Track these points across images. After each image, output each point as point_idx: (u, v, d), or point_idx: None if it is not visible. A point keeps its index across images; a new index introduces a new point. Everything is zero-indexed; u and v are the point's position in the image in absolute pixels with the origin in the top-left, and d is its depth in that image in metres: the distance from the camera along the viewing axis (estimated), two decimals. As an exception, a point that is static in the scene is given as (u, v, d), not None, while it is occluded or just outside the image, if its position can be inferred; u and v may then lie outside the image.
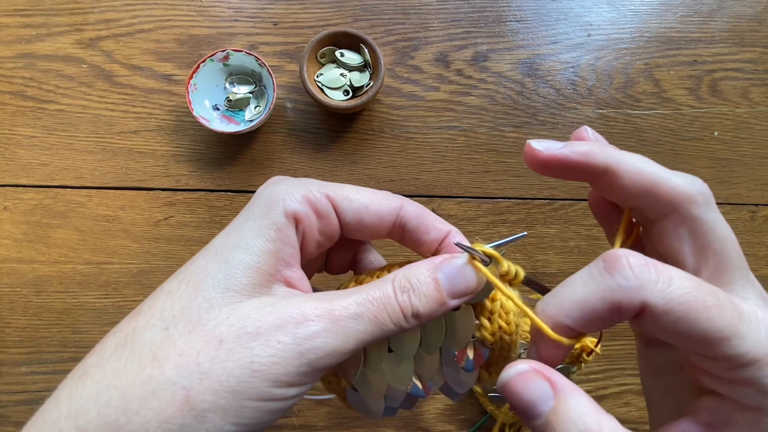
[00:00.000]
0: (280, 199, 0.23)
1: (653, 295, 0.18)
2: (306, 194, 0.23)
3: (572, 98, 0.60)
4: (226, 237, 0.23)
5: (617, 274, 0.19)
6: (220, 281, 0.21)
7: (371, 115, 0.60)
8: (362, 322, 0.21)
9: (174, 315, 0.20)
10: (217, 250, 0.22)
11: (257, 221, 0.22)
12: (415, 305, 0.22)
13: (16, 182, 0.58)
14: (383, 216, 0.25)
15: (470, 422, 0.58)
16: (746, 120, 0.61)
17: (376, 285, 0.22)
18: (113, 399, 0.19)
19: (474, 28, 0.61)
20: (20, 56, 0.59)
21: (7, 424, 0.57)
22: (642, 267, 0.19)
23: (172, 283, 0.22)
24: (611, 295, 0.19)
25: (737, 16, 0.62)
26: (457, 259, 0.23)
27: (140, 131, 0.59)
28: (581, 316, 0.19)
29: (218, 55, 0.55)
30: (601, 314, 0.19)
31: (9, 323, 0.58)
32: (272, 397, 0.19)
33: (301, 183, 0.24)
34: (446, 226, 0.26)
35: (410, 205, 0.25)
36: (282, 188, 0.23)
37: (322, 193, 0.24)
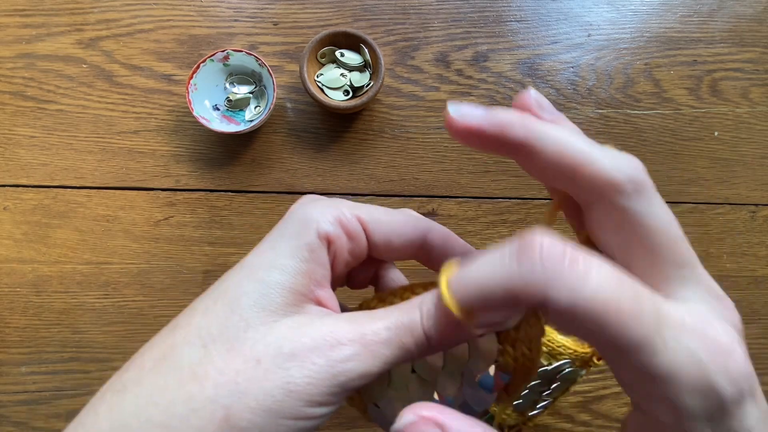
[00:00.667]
0: (314, 219, 0.23)
1: (557, 293, 0.16)
2: (338, 216, 0.23)
3: (572, 98, 0.60)
4: (260, 255, 0.23)
5: (525, 260, 0.16)
6: (256, 300, 0.21)
7: (371, 115, 0.60)
8: (391, 347, 0.21)
9: (212, 333, 0.21)
10: (251, 269, 0.22)
11: (291, 241, 0.22)
12: (435, 329, 0.21)
13: (16, 182, 0.58)
14: (411, 240, 0.25)
15: (470, 422, 0.58)
16: (746, 120, 0.61)
17: (403, 310, 0.22)
18: (154, 416, 0.19)
19: (474, 28, 0.61)
20: (20, 56, 0.59)
21: (7, 424, 0.57)
22: (554, 256, 0.16)
23: (207, 299, 0.22)
24: (511, 284, 0.16)
25: (737, 16, 0.62)
26: None
27: (140, 131, 0.59)
28: (478, 298, 0.18)
29: (218, 55, 0.55)
30: (498, 301, 0.17)
31: (9, 323, 0.58)
32: (305, 416, 0.20)
33: (333, 204, 0.24)
34: (471, 250, 0.26)
35: (437, 230, 0.26)
36: (316, 209, 0.23)
37: (354, 214, 0.24)
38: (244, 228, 0.59)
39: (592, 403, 0.58)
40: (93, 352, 0.58)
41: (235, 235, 0.59)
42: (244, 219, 0.59)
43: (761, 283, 0.61)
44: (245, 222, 0.59)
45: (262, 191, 0.59)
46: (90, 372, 0.58)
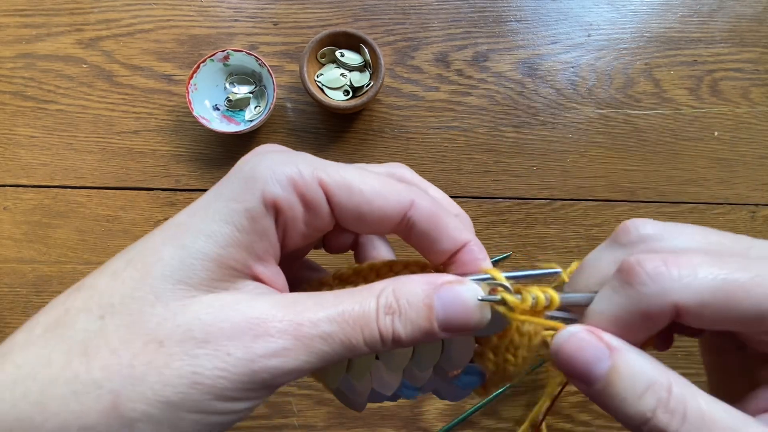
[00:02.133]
0: (261, 179, 0.19)
1: (682, 294, 0.17)
2: (293, 177, 0.19)
3: (572, 98, 0.60)
4: (192, 215, 0.19)
5: (635, 282, 0.17)
6: (173, 270, 0.18)
7: (371, 115, 0.60)
8: (332, 343, 0.18)
9: (113, 303, 0.18)
10: (177, 230, 0.19)
11: (229, 204, 0.19)
12: (398, 331, 0.19)
13: (17, 182, 0.58)
14: (388, 214, 0.20)
15: (470, 422, 0.58)
16: (746, 120, 0.61)
17: (356, 297, 0.19)
18: (31, 393, 0.17)
19: (474, 28, 0.61)
20: (20, 56, 0.59)
21: (8, 424, 0.57)
22: (658, 268, 0.17)
23: (120, 260, 0.19)
24: (637, 306, 0.17)
25: (737, 16, 0.62)
26: (464, 287, 0.19)
27: (140, 131, 0.59)
28: (616, 333, 0.18)
29: (218, 55, 0.55)
30: (635, 326, 0.18)
31: (9, 323, 0.58)
32: (214, 410, 0.17)
33: (291, 160, 0.20)
34: (463, 234, 0.22)
35: (423, 203, 0.21)
36: (266, 165, 0.19)
37: (315, 177, 0.19)
38: (244, 228, 0.59)
39: (592, 403, 0.58)
40: (93, 352, 0.58)
41: (235, 235, 0.59)
42: (244, 219, 0.59)
43: (761, 283, 0.61)
44: (245, 222, 0.59)
45: (262, 191, 0.59)
46: (90, 372, 0.58)
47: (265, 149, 0.22)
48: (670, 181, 0.61)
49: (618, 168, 0.60)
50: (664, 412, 0.16)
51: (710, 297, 0.16)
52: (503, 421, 0.58)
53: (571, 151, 0.60)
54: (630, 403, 0.17)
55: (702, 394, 0.17)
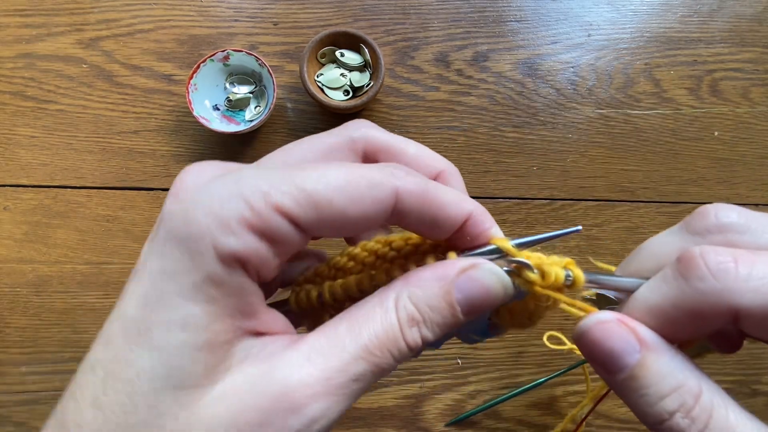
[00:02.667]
0: (205, 235, 0.15)
1: (745, 298, 0.15)
2: (243, 216, 0.15)
3: (572, 98, 0.60)
4: (144, 306, 0.16)
5: (692, 275, 0.16)
6: (162, 378, 0.15)
7: (371, 115, 0.60)
8: (365, 378, 0.16)
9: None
10: (138, 330, 0.15)
11: (183, 280, 0.15)
12: (426, 337, 0.17)
13: (17, 182, 0.58)
14: (370, 216, 0.17)
15: (470, 422, 0.58)
16: (746, 120, 0.61)
17: (374, 319, 0.17)
18: None
19: (474, 28, 0.61)
20: (20, 56, 0.59)
21: (8, 424, 0.57)
22: (724, 265, 0.15)
23: (91, 384, 0.16)
24: (688, 302, 0.16)
25: (737, 16, 0.62)
26: (480, 271, 0.18)
27: (140, 131, 0.59)
28: (657, 325, 0.17)
29: (218, 55, 0.55)
30: (681, 323, 0.16)
31: (9, 323, 0.58)
32: None
33: (234, 195, 0.15)
34: (462, 206, 0.18)
35: (408, 187, 0.17)
36: (203, 212, 0.15)
37: (271, 206, 0.15)
38: (244, 228, 0.59)
39: (592, 403, 0.58)
40: (93, 352, 0.58)
41: (235, 235, 0.59)
42: (244, 219, 0.59)
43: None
44: (245, 222, 0.59)
45: (262, 191, 0.59)
46: (90, 372, 0.58)
47: (196, 177, 0.17)
48: (670, 181, 0.61)
49: (618, 168, 0.60)
50: (684, 418, 0.15)
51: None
52: (503, 422, 0.58)
53: (571, 151, 0.60)
54: (650, 402, 0.16)
55: (734, 406, 0.16)
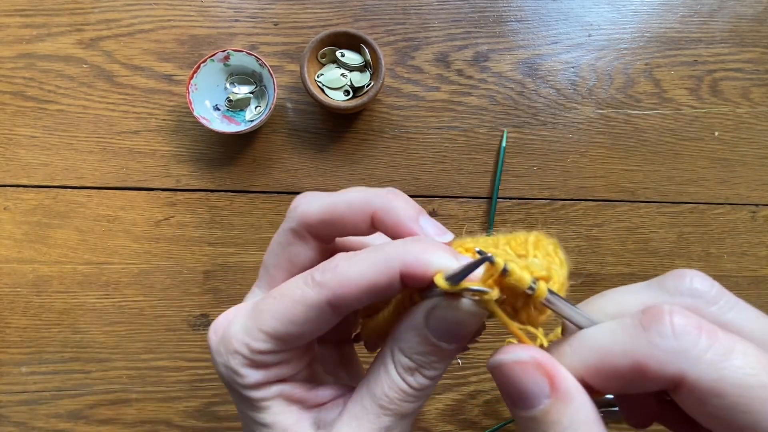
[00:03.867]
0: (233, 381, 0.20)
1: (698, 368, 0.14)
2: (244, 363, 0.20)
3: (573, 98, 0.60)
4: (242, 414, 0.22)
5: (653, 329, 0.15)
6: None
7: (372, 116, 0.60)
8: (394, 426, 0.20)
9: None
10: (248, 426, 0.22)
11: (242, 403, 0.21)
12: (431, 375, 0.20)
13: (17, 182, 0.58)
14: (322, 329, 0.20)
15: (470, 422, 0.58)
16: (747, 120, 0.61)
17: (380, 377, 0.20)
18: None
19: (474, 28, 0.61)
20: (21, 56, 0.59)
21: (8, 424, 0.57)
22: (688, 328, 0.15)
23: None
24: (639, 354, 0.15)
25: (738, 16, 0.62)
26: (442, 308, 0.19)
27: (141, 131, 0.59)
28: (596, 368, 0.16)
29: (219, 55, 0.55)
30: (620, 373, 0.16)
31: (9, 323, 0.58)
32: None
33: (230, 352, 0.20)
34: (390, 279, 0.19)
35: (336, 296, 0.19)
36: (224, 369, 0.21)
37: (253, 351, 0.20)
38: (244, 228, 0.59)
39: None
40: (93, 352, 0.58)
41: (235, 235, 0.59)
42: (245, 219, 0.59)
43: (761, 283, 0.61)
44: (245, 222, 0.59)
45: (262, 191, 0.59)
46: (90, 372, 0.58)
47: (212, 344, 0.22)
48: (670, 181, 0.61)
49: (618, 168, 0.60)
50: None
51: (730, 388, 0.14)
52: (504, 421, 0.58)
53: (572, 151, 0.60)
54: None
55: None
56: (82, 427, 0.57)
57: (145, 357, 0.58)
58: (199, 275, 0.58)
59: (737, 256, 0.61)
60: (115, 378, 0.58)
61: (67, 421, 0.57)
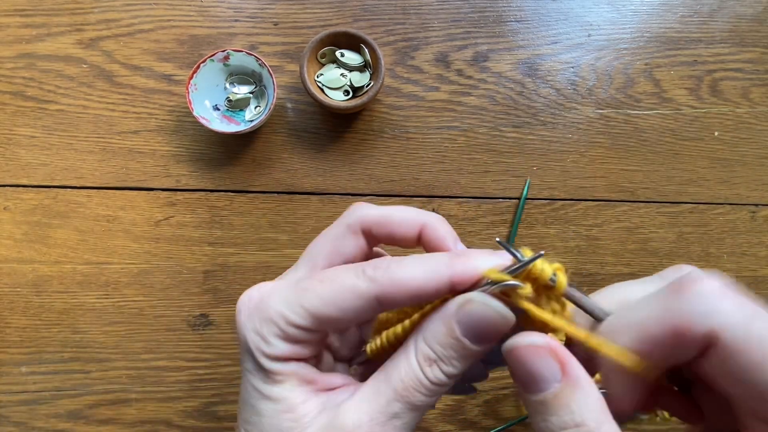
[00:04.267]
0: (257, 348, 0.22)
1: (729, 324, 0.15)
2: (276, 333, 0.21)
3: (572, 98, 0.60)
4: (246, 391, 0.23)
5: (687, 294, 0.16)
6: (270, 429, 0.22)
7: (371, 116, 0.60)
8: (404, 415, 0.20)
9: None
10: (250, 404, 0.22)
11: (257, 373, 0.22)
12: (448, 372, 0.20)
13: (17, 182, 0.58)
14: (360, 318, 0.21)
15: (470, 422, 0.58)
16: (746, 120, 0.61)
17: (399, 363, 0.21)
18: None
19: (474, 28, 0.61)
20: (20, 56, 0.59)
21: (8, 424, 0.57)
22: (720, 290, 0.16)
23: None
24: (674, 319, 0.16)
25: (737, 17, 0.62)
26: (474, 304, 0.19)
27: (140, 131, 0.59)
28: (637, 340, 0.17)
29: (218, 55, 0.55)
30: (660, 341, 0.17)
31: (9, 323, 0.58)
32: None
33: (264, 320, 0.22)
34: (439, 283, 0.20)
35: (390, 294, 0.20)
36: (252, 335, 0.22)
37: (289, 323, 0.21)
38: (244, 228, 0.59)
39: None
40: (93, 352, 0.58)
41: (235, 235, 0.59)
42: (244, 219, 0.59)
43: (761, 283, 0.61)
44: (245, 222, 0.59)
45: (262, 191, 0.59)
46: (90, 372, 0.58)
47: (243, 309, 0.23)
48: (670, 181, 0.61)
49: (618, 168, 0.60)
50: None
51: (756, 345, 0.15)
52: (504, 422, 0.58)
53: (571, 151, 0.60)
54: (549, 429, 0.17)
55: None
56: (81, 427, 0.57)
57: (144, 357, 0.58)
58: (198, 275, 0.58)
59: (737, 256, 0.61)
60: (114, 378, 0.58)
61: (66, 421, 0.57)
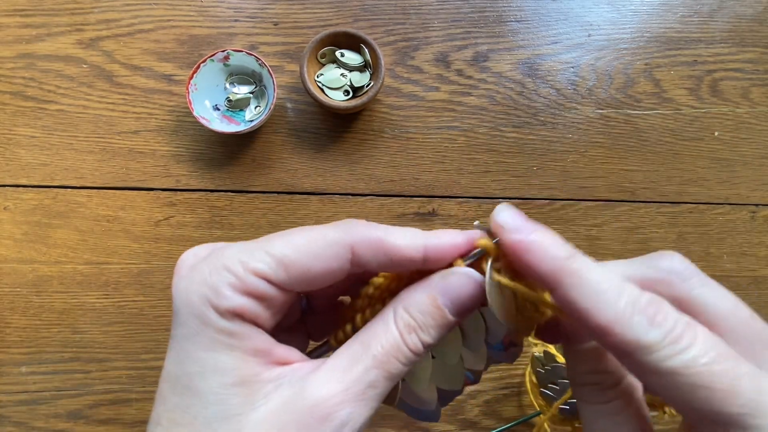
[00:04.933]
0: (204, 302, 0.19)
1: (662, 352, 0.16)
2: (231, 283, 0.19)
3: (572, 98, 0.60)
4: (181, 365, 0.19)
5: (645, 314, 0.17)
6: (213, 415, 0.18)
7: (371, 116, 0.60)
8: (379, 384, 0.19)
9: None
10: (182, 383, 0.19)
11: (201, 339, 0.19)
12: (424, 340, 0.20)
13: (17, 182, 0.58)
14: (333, 271, 0.20)
15: (470, 422, 0.58)
16: (746, 120, 0.61)
17: (378, 332, 0.20)
18: None
19: (474, 28, 0.61)
20: (20, 56, 0.59)
21: (8, 424, 0.57)
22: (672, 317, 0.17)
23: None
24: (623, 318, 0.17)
25: (737, 17, 0.62)
26: (455, 274, 0.21)
27: (140, 131, 0.59)
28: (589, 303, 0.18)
29: (218, 55, 0.55)
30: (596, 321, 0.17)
31: (9, 323, 0.58)
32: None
33: (218, 267, 0.19)
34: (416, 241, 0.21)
35: (361, 239, 0.20)
36: (199, 285, 0.19)
37: (249, 270, 0.19)
38: (244, 228, 0.59)
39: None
40: (93, 352, 0.58)
41: (235, 235, 0.59)
42: (244, 219, 0.59)
43: (761, 283, 0.61)
44: (245, 222, 0.59)
45: (262, 191, 0.59)
46: (90, 372, 0.58)
47: (190, 262, 0.21)
48: (670, 181, 0.61)
49: (618, 168, 0.60)
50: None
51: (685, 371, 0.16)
52: (503, 422, 0.58)
53: (571, 151, 0.60)
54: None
55: None
56: (81, 427, 0.57)
57: (144, 357, 0.58)
58: (198, 275, 0.58)
59: (737, 256, 0.61)
60: (114, 378, 0.58)
61: (66, 421, 0.57)
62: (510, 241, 0.19)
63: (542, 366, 0.54)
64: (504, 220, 0.19)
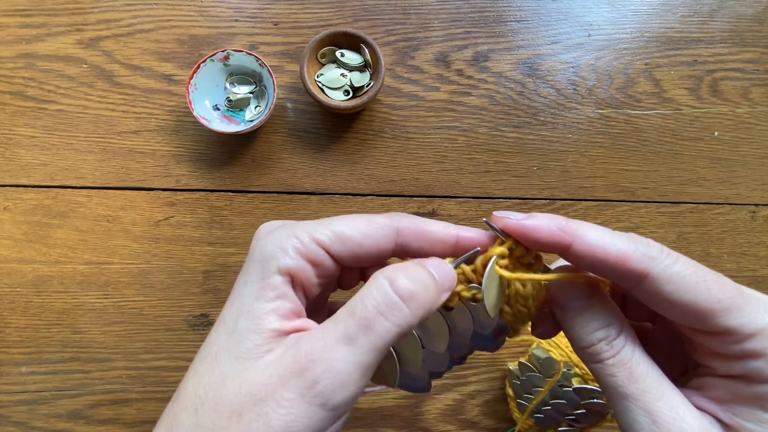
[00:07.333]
0: (272, 257, 0.23)
1: (658, 267, 0.21)
2: (296, 247, 0.23)
3: (572, 98, 0.60)
4: (231, 305, 0.23)
5: (638, 243, 0.22)
6: (230, 351, 0.22)
7: (371, 116, 0.60)
8: (355, 335, 0.21)
9: (200, 395, 0.22)
10: (225, 320, 0.23)
11: (255, 285, 0.23)
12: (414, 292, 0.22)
13: (17, 182, 0.58)
14: (380, 248, 0.25)
15: (470, 422, 0.58)
16: (746, 120, 0.61)
17: (357, 296, 0.22)
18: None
19: (474, 28, 0.61)
20: (20, 56, 0.59)
21: (8, 424, 0.57)
22: (657, 245, 0.22)
23: (197, 361, 0.23)
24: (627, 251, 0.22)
25: (737, 16, 0.62)
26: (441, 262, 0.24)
27: (140, 131, 0.59)
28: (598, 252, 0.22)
29: (218, 55, 0.55)
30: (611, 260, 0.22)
31: (9, 323, 0.58)
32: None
33: (290, 233, 0.24)
34: (450, 231, 0.26)
35: (406, 226, 0.25)
36: (273, 244, 0.23)
37: (313, 240, 0.24)
38: (244, 228, 0.59)
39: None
40: (93, 352, 0.58)
41: (235, 235, 0.59)
42: (244, 219, 0.59)
43: (761, 283, 0.61)
44: (245, 222, 0.59)
45: (262, 191, 0.59)
46: (90, 372, 0.58)
47: (266, 230, 0.25)
48: (670, 181, 0.61)
49: (618, 168, 0.60)
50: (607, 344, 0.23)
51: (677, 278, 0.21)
52: (503, 422, 0.59)
53: (571, 151, 0.60)
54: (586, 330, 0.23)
55: None
56: (81, 427, 0.57)
57: (144, 357, 0.58)
58: (198, 275, 0.58)
59: (737, 256, 0.61)
60: (114, 378, 0.58)
61: (66, 421, 0.57)
62: (521, 225, 0.23)
63: (517, 378, 0.54)
64: (508, 214, 0.24)
